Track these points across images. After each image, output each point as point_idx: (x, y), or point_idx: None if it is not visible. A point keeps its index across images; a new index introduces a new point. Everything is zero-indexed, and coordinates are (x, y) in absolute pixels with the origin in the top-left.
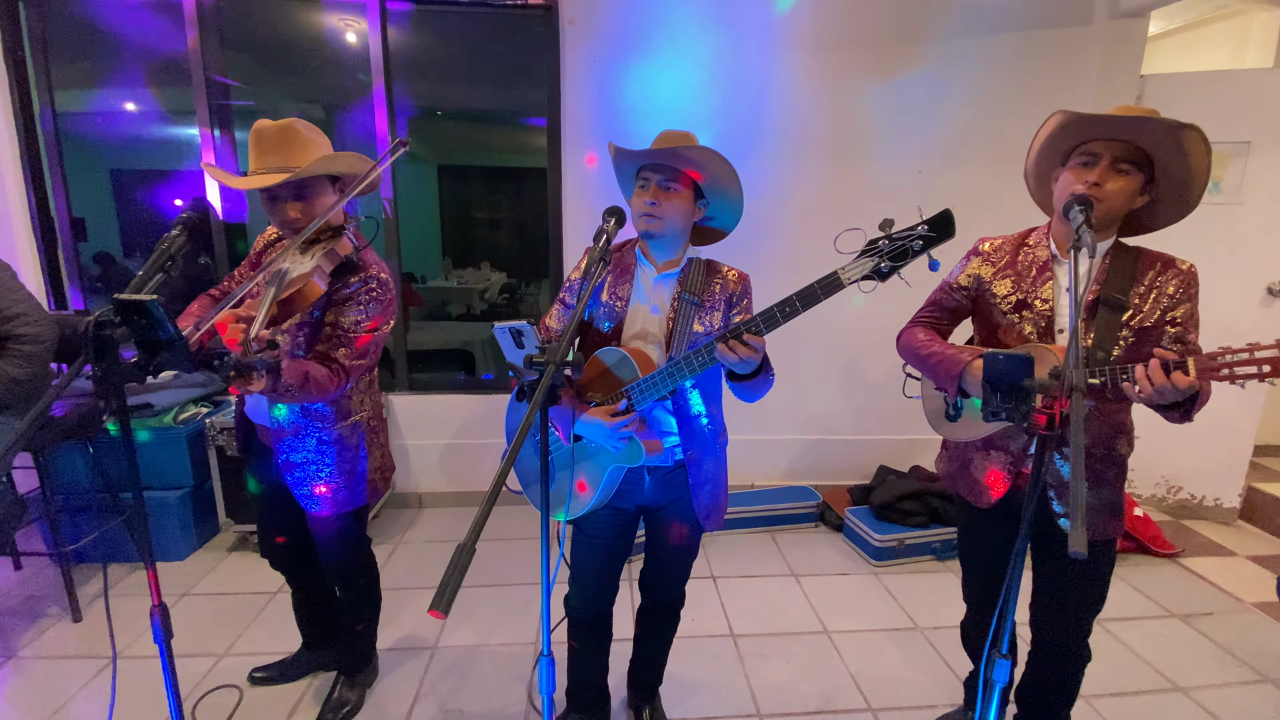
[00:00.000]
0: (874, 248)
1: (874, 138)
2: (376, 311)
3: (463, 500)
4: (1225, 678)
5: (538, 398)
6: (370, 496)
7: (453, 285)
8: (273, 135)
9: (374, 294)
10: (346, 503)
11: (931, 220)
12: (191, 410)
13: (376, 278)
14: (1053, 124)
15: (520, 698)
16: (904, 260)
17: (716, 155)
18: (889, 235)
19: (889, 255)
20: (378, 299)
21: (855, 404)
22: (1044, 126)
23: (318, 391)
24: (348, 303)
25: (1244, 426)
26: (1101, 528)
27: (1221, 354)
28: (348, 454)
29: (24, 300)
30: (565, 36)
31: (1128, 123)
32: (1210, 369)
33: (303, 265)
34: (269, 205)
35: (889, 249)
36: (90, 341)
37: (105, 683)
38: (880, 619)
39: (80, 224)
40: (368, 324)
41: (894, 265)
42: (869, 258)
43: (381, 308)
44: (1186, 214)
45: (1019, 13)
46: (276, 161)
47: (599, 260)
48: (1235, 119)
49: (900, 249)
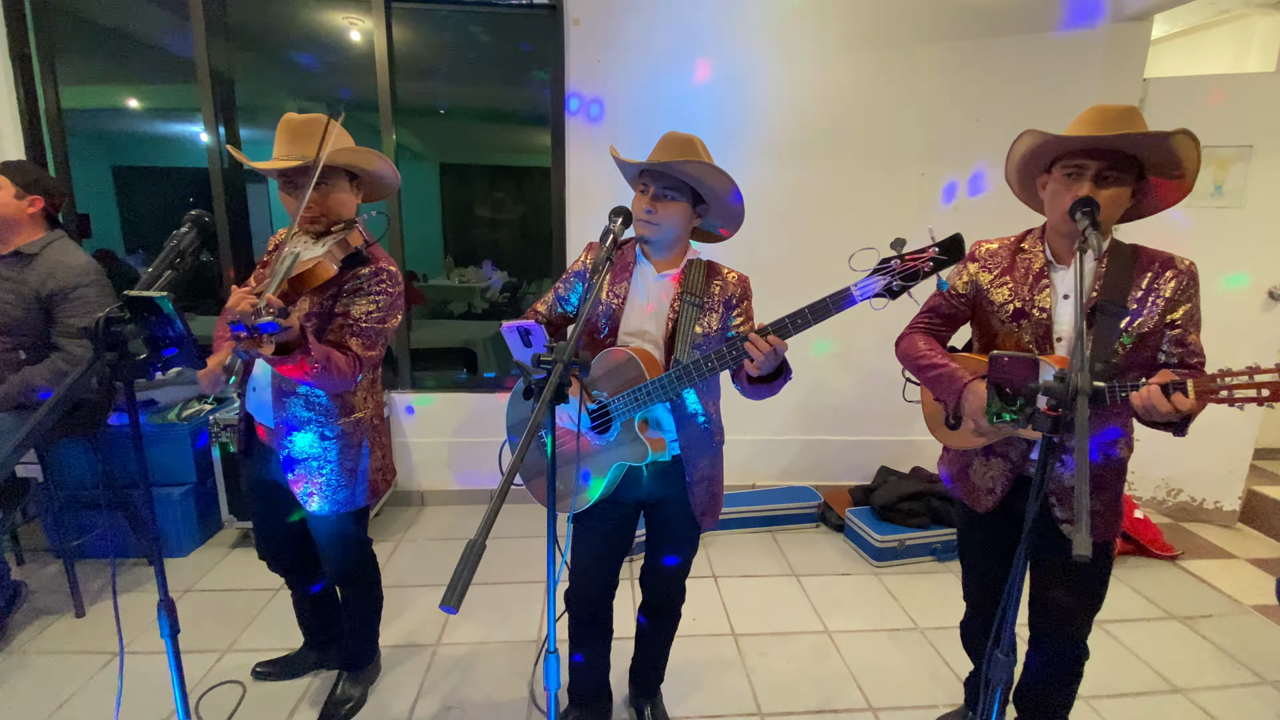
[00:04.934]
0: (886, 267)
1: (876, 140)
2: (387, 303)
3: (465, 498)
4: (1225, 680)
5: (546, 395)
6: (370, 498)
7: (454, 284)
8: (299, 126)
9: (384, 286)
10: (347, 502)
11: (943, 243)
12: (195, 407)
13: (386, 270)
14: (1024, 145)
15: (522, 694)
16: (914, 280)
17: (714, 170)
18: (901, 255)
19: (900, 275)
20: (387, 291)
21: (857, 404)
22: (1015, 146)
23: (337, 375)
24: (358, 294)
25: (1244, 430)
26: (1101, 530)
27: (1221, 376)
28: (349, 451)
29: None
30: (570, 36)
31: (1106, 141)
32: (1209, 391)
33: (314, 250)
34: (287, 191)
35: (901, 269)
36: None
37: (108, 678)
38: (881, 619)
39: (85, 220)
40: (379, 315)
41: (904, 285)
42: (881, 276)
43: (391, 300)
44: (1184, 196)
45: (1022, 16)
46: (299, 150)
47: (605, 260)
48: (1237, 123)
49: (912, 270)
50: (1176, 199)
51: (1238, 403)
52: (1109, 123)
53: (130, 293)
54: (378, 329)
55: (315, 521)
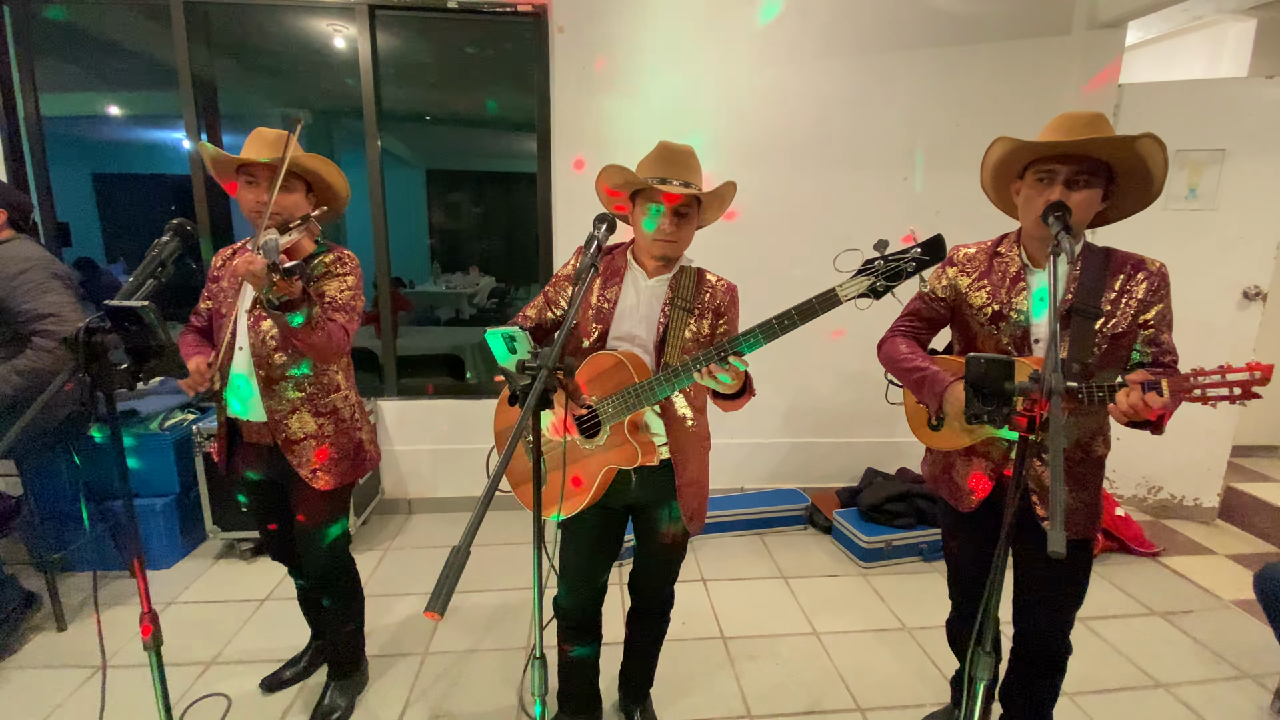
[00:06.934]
0: (870, 267)
1: (859, 144)
2: (355, 282)
3: (452, 505)
4: (1205, 674)
5: (530, 402)
6: (368, 465)
7: (441, 290)
8: (269, 135)
9: (349, 268)
10: (349, 472)
11: (924, 244)
12: (178, 417)
13: (345, 252)
14: (996, 152)
15: (511, 701)
16: (898, 280)
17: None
18: (884, 256)
19: (884, 275)
20: (354, 272)
21: (843, 407)
22: (988, 153)
23: (334, 342)
24: (328, 277)
25: (1223, 428)
26: (1081, 528)
27: (1194, 375)
28: (343, 424)
29: (57, 302)
30: (555, 43)
31: (1075, 146)
32: (1183, 390)
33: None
34: (247, 190)
35: (884, 269)
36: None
37: (91, 692)
38: (868, 620)
39: (64, 229)
40: (351, 292)
41: (888, 285)
42: (865, 276)
43: (358, 280)
44: (1150, 202)
45: (1000, 23)
46: (266, 154)
47: (590, 267)
48: (1211, 127)
49: (895, 270)
50: (1148, 203)
51: (1211, 400)
52: (1077, 129)
53: (111, 302)
54: (354, 305)
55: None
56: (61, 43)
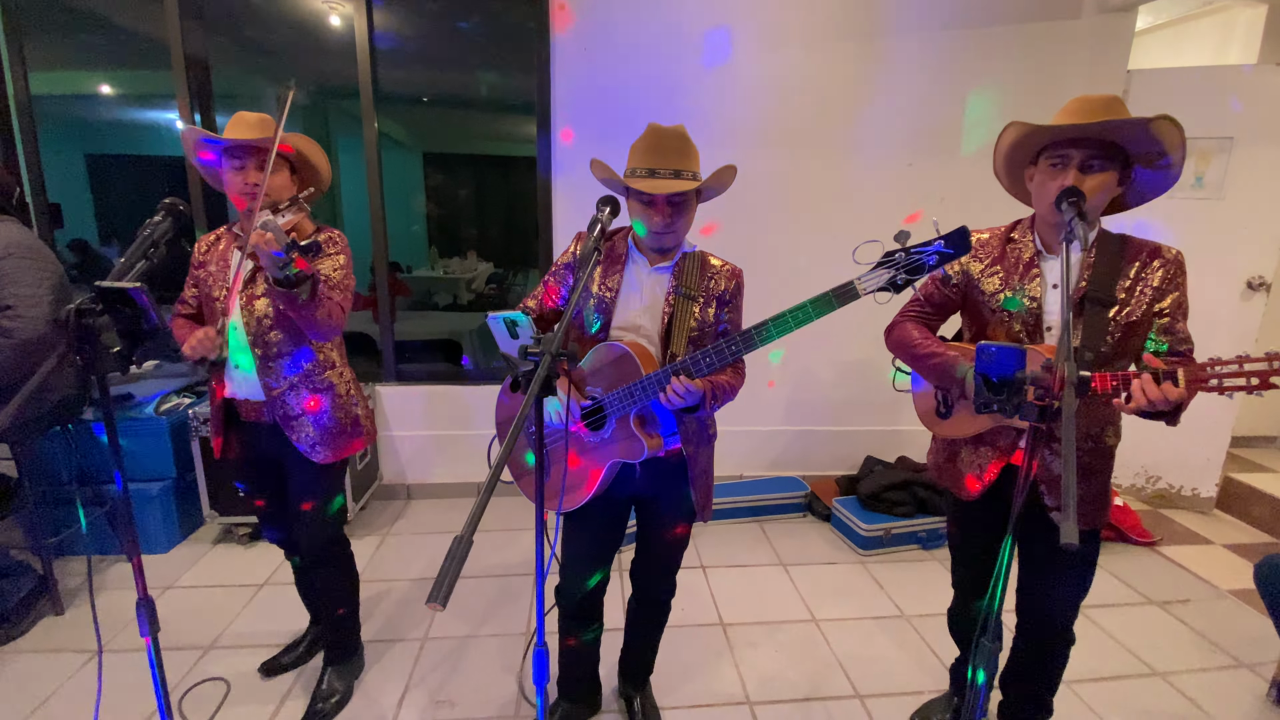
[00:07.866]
0: (890, 260)
1: (864, 130)
2: (346, 261)
3: (451, 492)
4: (1203, 663)
5: (533, 388)
6: (365, 440)
7: (439, 275)
8: (251, 118)
9: (340, 246)
10: (347, 447)
11: (948, 236)
12: (174, 401)
13: (334, 232)
14: (1009, 137)
15: (511, 688)
16: (920, 274)
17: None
18: (906, 249)
19: (905, 268)
20: (343, 250)
21: (843, 395)
22: (1002, 137)
23: (334, 320)
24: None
25: (1222, 418)
26: (1090, 517)
27: (1211, 365)
28: (340, 400)
29: (23, 296)
30: (555, 22)
31: (1090, 129)
32: (1199, 380)
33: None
34: (234, 171)
35: (905, 262)
36: (72, 330)
37: (89, 677)
38: (867, 607)
39: (56, 210)
40: (343, 270)
41: (909, 279)
42: (885, 269)
43: (349, 258)
44: (1170, 186)
45: (1008, 7)
46: (252, 135)
47: (593, 251)
48: (1219, 114)
49: (916, 263)
50: (1165, 188)
51: (1227, 390)
52: (1092, 112)
53: (102, 284)
54: (347, 284)
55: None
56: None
